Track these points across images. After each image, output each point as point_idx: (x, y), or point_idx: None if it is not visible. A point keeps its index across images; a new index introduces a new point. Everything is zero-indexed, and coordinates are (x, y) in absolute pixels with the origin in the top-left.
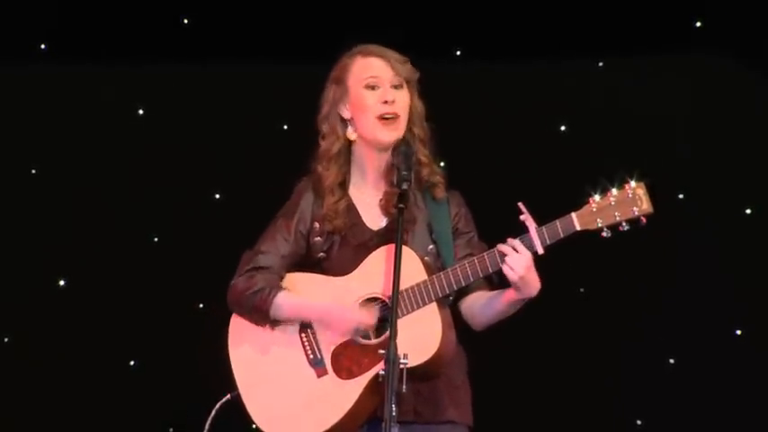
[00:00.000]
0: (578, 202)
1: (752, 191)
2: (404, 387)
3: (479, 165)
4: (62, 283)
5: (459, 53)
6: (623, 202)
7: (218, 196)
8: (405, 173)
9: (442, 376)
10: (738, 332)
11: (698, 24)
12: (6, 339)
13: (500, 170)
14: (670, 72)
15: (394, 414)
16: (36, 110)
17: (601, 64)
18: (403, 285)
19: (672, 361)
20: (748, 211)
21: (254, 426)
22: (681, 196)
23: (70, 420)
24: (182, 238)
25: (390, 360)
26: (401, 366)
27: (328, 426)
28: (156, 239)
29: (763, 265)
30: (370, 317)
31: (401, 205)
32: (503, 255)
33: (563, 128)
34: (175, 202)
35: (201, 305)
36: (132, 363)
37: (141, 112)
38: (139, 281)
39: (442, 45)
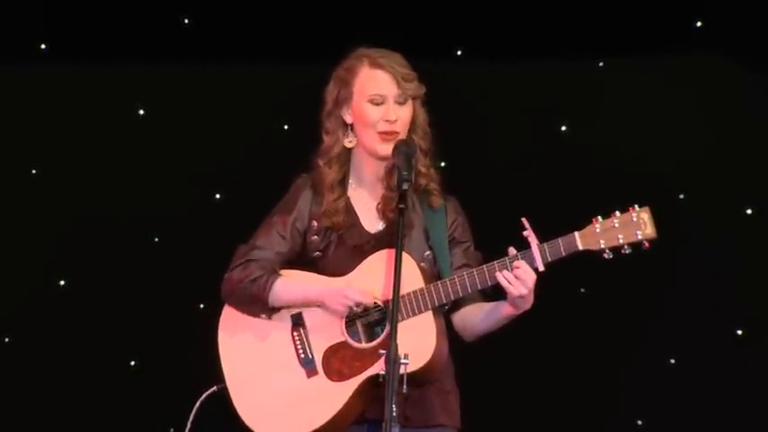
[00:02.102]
0: (578, 202)
1: (752, 191)
2: (404, 388)
3: (479, 165)
4: (62, 283)
5: (459, 53)
6: (627, 225)
7: (218, 196)
8: (405, 173)
9: (435, 382)
10: (739, 332)
11: (698, 24)
12: (6, 339)
13: (500, 170)
14: (670, 72)
15: (395, 414)
16: (36, 110)
17: (601, 64)
18: (401, 291)
19: (672, 361)
20: (748, 212)
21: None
22: (681, 196)
23: (70, 420)
24: (182, 238)
25: (391, 360)
26: (402, 367)
27: (315, 427)
28: (156, 239)
29: (763, 265)
30: (369, 296)
31: (402, 206)
32: (513, 267)
33: (563, 128)
34: (175, 202)
35: (201, 305)
36: (132, 363)
37: (141, 112)
38: (139, 281)
39: (442, 45)
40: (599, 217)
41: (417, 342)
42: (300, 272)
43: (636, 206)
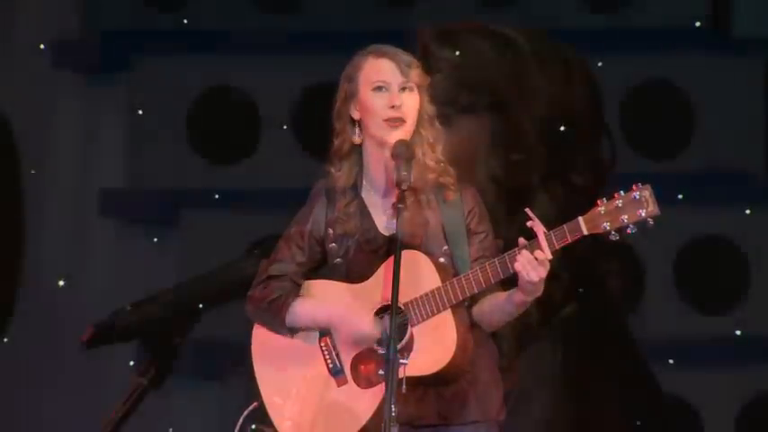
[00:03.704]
0: (576, 204)
1: (752, 191)
2: (403, 388)
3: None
4: (62, 283)
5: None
6: (630, 205)
7: (217, 197)
8: (404, 173)
9: (466, 375)
10: (738, 332)
11: (697, 24)
12: (6, 340)
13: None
14: (669, 72)
15: (393, 414)
16: (36, 110)
17: (600, 64)
18: (417, 292)
19: (671, 361)
20: (748, 212)
21: None
22: (680, 196)
23: (70, 420)
24: (181, 238)
25: (389, 360)
26: (401, 366)
27: None
28: (155, 239)
29: (764, 265)
30: (376, 330)
31: (400, 205)
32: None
33: (562, 128)
34: (173, 203)
35: (201, 305)
36: (132, 363)
37: (141, 112)
38: (138, 281)
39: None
40: (603, 198)
41: (439, 341)
42: (321, 282)
43: (639, 184)
